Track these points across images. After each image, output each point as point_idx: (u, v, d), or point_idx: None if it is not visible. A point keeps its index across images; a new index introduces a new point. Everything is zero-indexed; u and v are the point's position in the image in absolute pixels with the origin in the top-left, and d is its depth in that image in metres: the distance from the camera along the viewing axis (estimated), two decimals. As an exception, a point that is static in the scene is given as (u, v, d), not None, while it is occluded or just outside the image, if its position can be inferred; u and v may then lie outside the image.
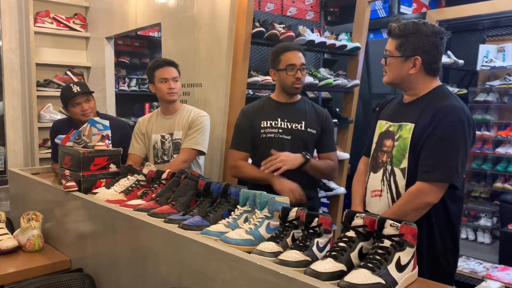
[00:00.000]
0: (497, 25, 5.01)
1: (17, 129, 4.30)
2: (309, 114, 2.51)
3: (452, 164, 1.74)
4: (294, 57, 2.42)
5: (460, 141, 1.75)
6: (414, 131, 1.82)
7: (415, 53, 1.82)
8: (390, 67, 1.90)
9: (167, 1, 3.45)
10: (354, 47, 3.65)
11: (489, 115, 4.70)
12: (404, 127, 1.87)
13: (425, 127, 1.79)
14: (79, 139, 2.39)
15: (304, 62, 2.44)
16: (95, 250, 2.11)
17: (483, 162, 4.75)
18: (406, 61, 1.85)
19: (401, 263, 1.24)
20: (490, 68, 4.74)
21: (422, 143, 1.79)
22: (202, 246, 1.46)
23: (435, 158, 1.76)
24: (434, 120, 1.77)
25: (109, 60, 4.41)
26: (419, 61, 1.83)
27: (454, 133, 1.75)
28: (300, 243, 1.36)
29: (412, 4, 5.34)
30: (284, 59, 2.42)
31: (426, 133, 1.78)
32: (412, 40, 1.82)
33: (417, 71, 1.85)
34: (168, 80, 2.72)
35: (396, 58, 1.86)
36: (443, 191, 1.77)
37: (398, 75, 1.88)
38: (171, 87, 2.72)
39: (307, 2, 4.20)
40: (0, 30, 4.24)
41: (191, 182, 1.91)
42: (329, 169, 2.53)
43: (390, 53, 1.89)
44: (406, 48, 1.83)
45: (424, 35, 1.81)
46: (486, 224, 4.56)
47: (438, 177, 1.74)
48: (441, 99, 1.83)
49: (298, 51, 2.45)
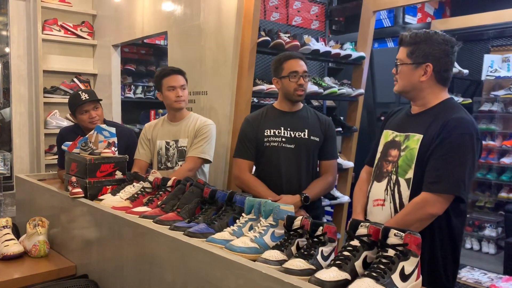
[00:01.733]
0: (502, 35, 5.03)
1: (24, 135, 4.33)
2: (312, 122, 2.53)
3: (459, 176, 1.73)
4: (297, 64, 2.46)
5: (468, 154, 1.74)
6: (422, 142, 1.81)
7: (426, 60, 1.83)
8: (401, 75, 1.90)
9: (173, 10, 3.49)
10: (359, 56, 3.67)
11: (493, 125, 4.70)
12: (412, 137, 1.86)
13: (433, 138, 1.78)
14: (86, 146, 2.41)
15: (306, 70, 2.47)
16: (100, 256, 2.12)
17: (488, 172, 4.74)
18: (417, 68, 1.85)
19: (405, 272, 1.24)
20: (494, 78, 4.75)
21: (430, 154, 1.78)
22: (207, 254, 1.46)
23: (442, 169, 1.74)
24: (443, 131, 1.76)
25: (115, 67, 4.46)
26: (430, 68, 1.83)
27: (463, 146, 1.74)
28: (305, 251, 1.36)
29: (417, 14, 5.37)
30: (287, 66, 2.46)
31: (434, 144, 1.77)
32: (423, 47, 1.83)
33: (427, 79, 1.84)
34: (176, 88, 2.75)
35: (407, 65, 1.86)
36: (448, 203, 1.75)
37: (409, 82, 1.88)
38: (178, 95, 2.75)
39: (312, 12, 4.23)
40: (9, 37, 4.30)
41: (197, 190, 1.92)
42: (327, 189, 2.62)
43: (401, 61, 1.89)
44: (417, 55, 1.84)
45: (435, 43, 1.82)
46: (491, 234, 4.55)
47: (444, 189, 1.73)
48: (451, 111, 1.82)
49: (300, 59, 2.49)
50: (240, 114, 2.97)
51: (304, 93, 2.50)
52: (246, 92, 3.00)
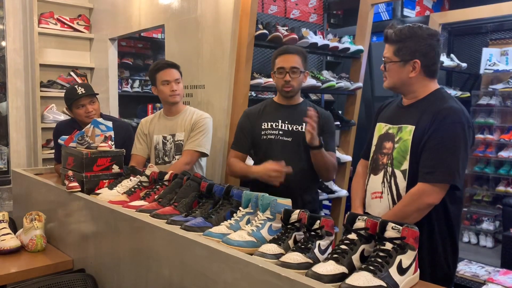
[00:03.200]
0: (501, 29, 5.02)
1: (21, 130, 4.31)
2: None
3: (453, 165, 1.76)
4: (285, 60, 2.43)
5: (460, 142, 1.77)
6: (415, 133, 1.83)
7: (414, 57, 1.85)
8: (390, 72, 1.92)
9: (170, 3, 3.47)
10: (357, 49, 3.66)
11: (492, 119, 4.70)
12: (404, 129, 1.88)
13: (425, 129, 1.81)
14: (82, 140, 2.40)
15: (296, 66, 2.42)
16: (97, 250, 2.11)
17: (486, 165, 4.75)
18: (405, 65, 1.87)
19: (403, 266, 1.24)
20: (493, 72, 4.74)
21: (423, 144, 1.80)
22: (204, 248, 1.46)
23: (436, 159, 1.77)
24: (435, 122, 1.79)
25: (112, 61, 4.43)
26: (418, 64, 1.85)
27: (455, 135, 1.77)
28: (302, 245, 1.36)
29: (416, 7, 5.35)
30: (277, 62, 2.46)
31: (427, 135, 1.80)
32: (409, 44, 1.84)
33: (417, 74, 1.87)
34: (170, 82, 2.73)
35: (395, 63, 1.88)
36: (445, 191, 1.78)
37: (398, 79, 1.90)
38: (173, 89, 2.73)
39: (311, 5, 4.21)
40: (5, 30, 4.26)
41: (194, 184, 1.92)
42: (332, 165, 2.50)
43: (388, 59, 1.91)
44: (404, 52, 1.86)
45: (421, 38, 1.84)
46: (488, 228, 4.55)
47: (439, 178, 1.76)
48: (441, 101, 1.85)
49: (291, 54, 2.44)
50: (238, 108, 2.96)
51: (292, 88, 2.45)
52: (244, 86, 2.98)
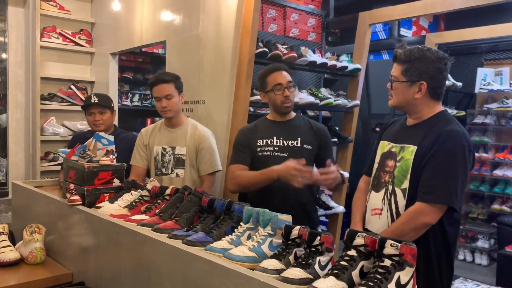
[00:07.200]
0: (495, 49, 5.11)
1: (20, 142, 4.33)
2: (305, 131, 2.54)
3: (451, 187, 1.78)
4: (280, 76, 2.47)
5: (460, 165, 1.80)
6: (417, 153, 1.86)
7: (421, 78, 1.87)
8: (396, 91, 1.95)
9: (172, 20, 3.53)
10: (355, 68, 3.72)
11: (486, 137, 4.76)
12: (407, 149, 1.92)
13: (427, 149, 1.84)
14: (84, 153, 2.43)
15: (290, 80, 2.48)
16: (97, 264, 2.12)
17: (481, 183, 4.79)
18: (411, 86, 1.89)
19: (401, 282, 1.26)
20: (488, 91, 4.81)
21: (424, 165, 1.83)
22: (206, 262, 1.48)
23: (435, 180, 1.80)
24: (436, 143, 1.82)
25: (113, 75, 4.48)
26: (425, 86, 1.88)
27: (455, 157, 1.80)
28: (303, 261, 1.38)
29: (412, 27, 5.45)
30: (270, 80, 2.48)
31: (428, 156, 1.82)
32: (418, 66, 1.87)
33: (422, 96, 1.89)
34: (161, 99, 2.71)
35: (402, 83, 1.91)
36: (442, 212, 1.80)
37: (404, 99, 1.93)
38: (163, 105, 2.71)
39: (309, 24, 4.28)
40: (7, 43, 4.31)
41: (195, 199, 1.93)
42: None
43: (396, 78, 1.93)
44: (412, 73, 1.88)
45: (429, 61, 1.86)
46: (483, 246, 4.58)
47: (437, 199, 1.79)
48: (444, 123, 1.88)
49: (283, 71, 2.50)
50: (238, 124, 3.00)
51: (291, 103, 2.49)
52: (244, 102, 3.03)
